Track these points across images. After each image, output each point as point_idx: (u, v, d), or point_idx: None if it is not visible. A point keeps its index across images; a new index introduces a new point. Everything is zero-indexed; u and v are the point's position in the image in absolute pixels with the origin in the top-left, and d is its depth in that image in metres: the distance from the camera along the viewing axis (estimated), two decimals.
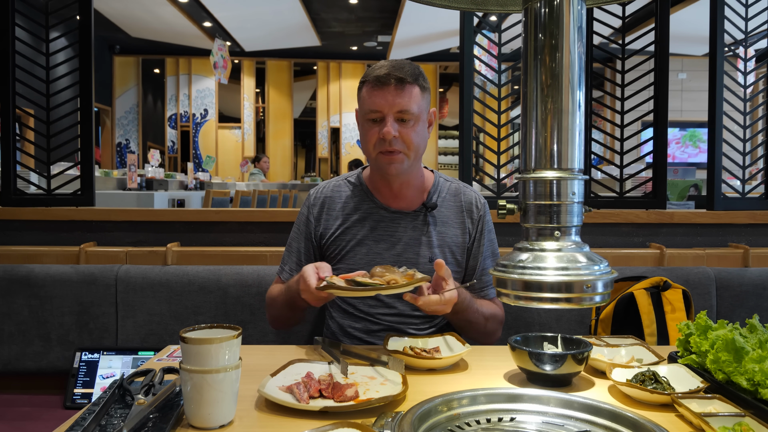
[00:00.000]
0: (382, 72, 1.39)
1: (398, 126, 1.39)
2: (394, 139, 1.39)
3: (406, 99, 1.38)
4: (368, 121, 1.42)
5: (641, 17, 3.70)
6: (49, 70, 2.31)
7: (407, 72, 1.40)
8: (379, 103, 1.38)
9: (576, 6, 0.78)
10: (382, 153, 1.41)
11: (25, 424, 1.65)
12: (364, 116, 1.44)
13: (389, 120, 1.38)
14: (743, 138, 2.38)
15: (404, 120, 1.40)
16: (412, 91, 1.40)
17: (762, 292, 1.95)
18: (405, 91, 1.38)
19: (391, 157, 1.41)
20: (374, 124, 1.41)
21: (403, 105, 1.38)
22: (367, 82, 1.42)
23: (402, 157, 1.41)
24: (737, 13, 2.37)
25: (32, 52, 2.32)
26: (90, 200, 2.25)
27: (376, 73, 1.40)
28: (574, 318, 1.90)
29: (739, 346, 0.98)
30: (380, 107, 1.39)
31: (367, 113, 1.41)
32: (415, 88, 1.40)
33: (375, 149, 1.42)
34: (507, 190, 2.34)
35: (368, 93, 1.41)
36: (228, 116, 10.78)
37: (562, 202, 0.79)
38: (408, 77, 1.39)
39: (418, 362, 1.16)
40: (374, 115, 1.40)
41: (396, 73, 1.38)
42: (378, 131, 1.40)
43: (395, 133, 1.38)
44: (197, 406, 0.87)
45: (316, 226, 1.54)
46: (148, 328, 1.88)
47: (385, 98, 1.38)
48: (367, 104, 1.41)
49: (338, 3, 7.95)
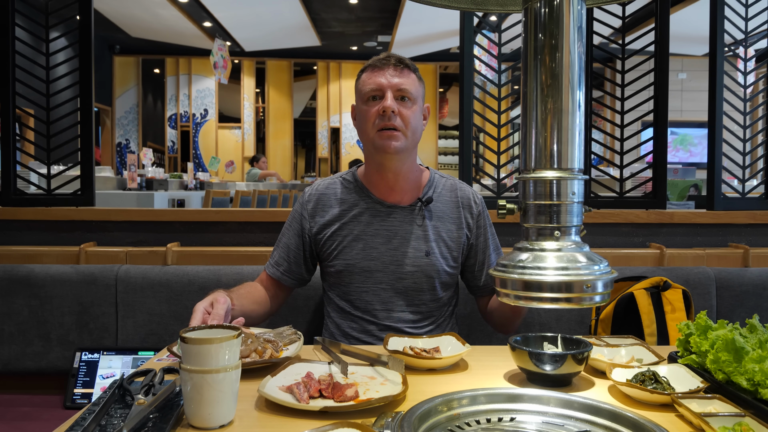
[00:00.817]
0: (381, 56, 1.48)
1: (397, 104, 1.44)
2: (393, 114, 1.42)
3: (405, 79, 1.45)
4: (368, 101, 1.46)
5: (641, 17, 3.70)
6: (49, 70, 2.31)
7: (406, 60, 1.48)
8: (379, 81, 1.44)
9: (576, 6, 0.78)
10: (381, 131, 1.44)
11: (25, 424, 1.65)
12: (363, 98, 1.47)
13: (389, 96, 1.43)
14: (743, 138, 2.38)
15: (403, 99, 1.45)
16: (411, 76, 1.47)
17: (762, 292, 1.95)
18: (404, 72, 1.46)
19: (390, 133, 1.43)
20: (374, 102, 1.45)
21: (403, 84, 1.44)
22: (367, 68, 1.49)
23: (400, 135, 1.44)
24: (737, 13, 2.37)
25: (32, 52, 2.32)
26: (90, 200, 2.25)
27: (375, 59, 1.48)
28: (574, 318, 1.90)
29: (739, 346, 0.98)
30: (380, 85, 1.44)
31: (368, 93, 1.46)
32: (412, 74, 1.48)
33: (374, 127, 1.45)
34: (507, 190, 2.34)
35: (368, 75, 1.47)
36: (228, 116, 10.78)
37: (562, 202, 0.79)
38: (408, 63, 1.48)
39: (418, 362, 1.16)
40: (374, 92, 1.45)
41: (396, 56, 1.47)
42: (378, 108, 1.44)
43: (395, 108, 1.42)
44: (197, 406, 0.87)
45: (310, 223, 1.54)
46: (148, 328, 1.88)
47: (385, 76, 1.44)
48: (367, 85, 1.46)
49: (338, 3, 7.95)
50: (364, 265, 1.49)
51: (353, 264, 1.49)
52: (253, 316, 1.46)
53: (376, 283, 1.49)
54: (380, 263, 1.49)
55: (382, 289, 1.49)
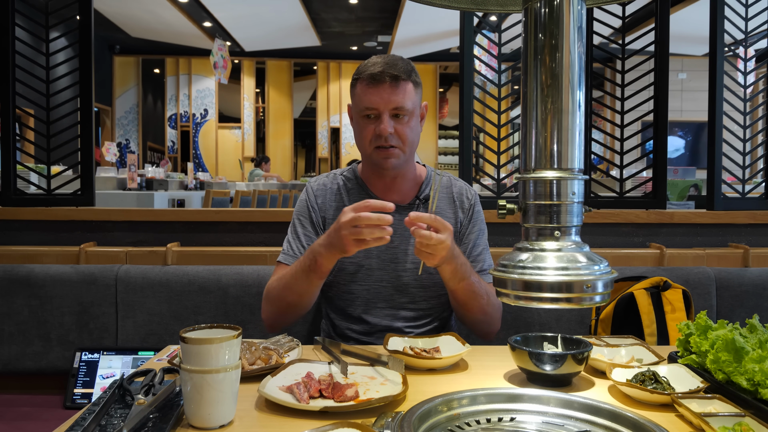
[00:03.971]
0: (376, 70, 1.40)
1: (393, 122, 1.41)
2: (390, 135, 1.41)
3: (400, 96, 1.41)
4: (363, 117, 1.44)
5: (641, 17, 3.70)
6: (49, 70, 2.31)
7: (401, 69, 1.41)
8: (375, 101, 1.40)
9: (576, 6, 0.78)
10: (377, 149, 1.43)
11: (25, 424, 1.65)
12: (359, 113, 1.45)
13: (385, 117, 1.40)
14: (743, 138, 2.38)
15: (399, 116, 1.42)
16: (406, 88, 1.42)
17: (762, 292, 1.95)
18: (399, 88, 1.41)
19: (387, 152, 1.43)
20: (369, 121, 1.43)
21: (398, 102, 1.40)
22: (361, 80, 1.43)
23: (398, 152, 1.43)
24: (737, 13, 2.37)
25: (32, 52, 2.32)
26: (90, 200, 2.25)
27: (370, 71, 1.41)
28: (574, 318, 1.89)
29: (739, 346, 0.98)
30: (376, 105, 1.40)
31: (363, 110, 1.43)
32: (408, 84, 1.43)
33: (371, 145, 1.44)
34: (507, 190, 2.34)
35: (363, 90, 1.42)
36: (228, 116, 10.78)
37: (562, 202, 0.79)
38: (402, 74, 1.41)
39: (418, 362, 1.16)
40: (370, 112, 1.42)
41: (390, 71, 1.40)
42: (374, 128, 1.42)
43: (391, 129, 1.40)
44: (197, 406, 0.87)
45: (320, 212, 1.54)
46: (148, 328, 1.88)
47: (380, 96, 1.40)
48: (362, 102, 1.43)
49: (338, 3, 7.95)
50: (364, 263, 1.49)
51: (353, 262, 1.49)
52: (295, 311, 1.44)
53: (377, 281, 1.49)
54: (380, 261, 1.49)
55: (383, 287, 1.49)
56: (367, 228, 1.18)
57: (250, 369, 1.09)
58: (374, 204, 1.18)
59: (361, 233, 1.18)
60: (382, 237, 1.18)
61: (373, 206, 1.18)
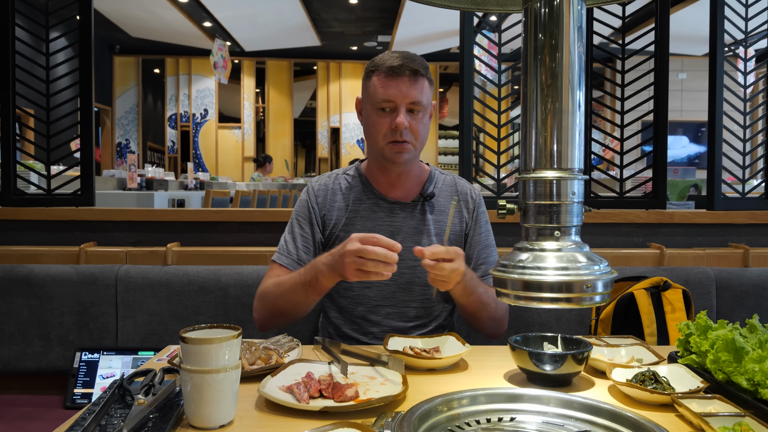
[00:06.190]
0: (395, 63, 1.41)
1: (409, 118, 1.41)
2: (405, 129, 1.41)
3: (418, 91, 1.41)
4: (378, 110, 1.43)
5: (641, 17, 3.69)
6: (49, 70, 2.31)
7: (419, 64, 1.43)
8: (393, 94, 1.40)
9: (576, 6, 0.78)
10: (391, 143, 1.43)
11: (25, 424, 1.65)
12: (374, 105, 1.44)
13: (401, 110, 1.40)
14: (743, 138, 2.38)
15: (414, 111, 1.42)
16: (424, 84, 1.43)
17: (762, 292, 1.95)
18: (418, 83, 1.41)
19: (401, 147, 1.42)
20: (385, 114, 1.42)
21: (416, 96, 1.41)
22: (379, 71, 1.43)
23: (410, 147, 1.44)
24: (737, 13, 2.37)
25: (32, 52, 2.32)
26: (90, 200, 2.25)
27: (389, 63, 1.41)
28: (574, 318, 1.89)
29: (739, 346, 0.98)
30: (394, 97, 1.40)
31: (379, 102, 1.42)
32: (425, 80, 1.44)
33: (384, 139, 1.43)
34: (507, 190, 2.34)
35: (381, 83, 1.42)
36: (228, 116, 10.78)
37: (562, 202, 0.79)
38: (421, 69, 1.42)
39: (418, 362, 1.16)
40: (387, 104, 1.41)
41: (410, 64, 1.41)
42: (389, 121, 1.41)
43: (407, 124, 1.40)
44: (197, 406, 0.87)
45: (320, 213, 1.54)
46: (148, 328, 1.88)
47: (399, 89, 1.40)
48: (379, 94, 1.41)
49: (338, 3, 7.95)
50: None
51: None
52: (289, 315, 1.44)
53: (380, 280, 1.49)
54: None
55: (385, 285, 1.49)
56: (372, 262, 1.17)
57: (250, 369, 1.09)
58: (383, 241, 1.17)
59: (365, 265, 1.17)
60: (384, 273, 1.18)
61: (382, 243, 1.17)
